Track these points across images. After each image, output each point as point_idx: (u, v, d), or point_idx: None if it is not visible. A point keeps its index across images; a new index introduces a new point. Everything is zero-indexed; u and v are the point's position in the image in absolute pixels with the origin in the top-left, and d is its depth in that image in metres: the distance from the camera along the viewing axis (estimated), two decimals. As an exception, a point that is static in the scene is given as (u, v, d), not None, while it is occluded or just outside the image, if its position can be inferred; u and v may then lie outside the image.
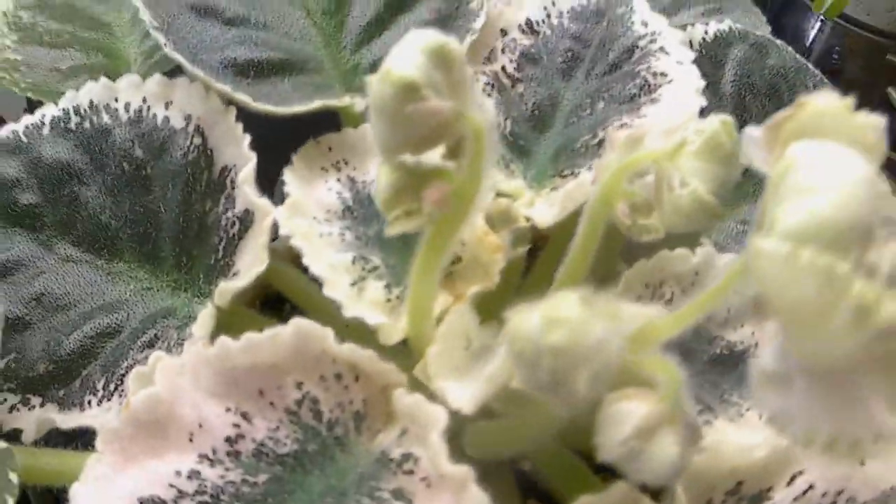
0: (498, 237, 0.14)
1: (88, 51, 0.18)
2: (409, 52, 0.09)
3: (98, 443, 0.11)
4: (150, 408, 0.11)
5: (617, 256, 0.14)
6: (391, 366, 0.12)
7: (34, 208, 0.15)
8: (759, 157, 0.08)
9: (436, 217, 0.10)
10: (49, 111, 0.16)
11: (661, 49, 0.17)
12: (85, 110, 0.16)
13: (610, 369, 0.07)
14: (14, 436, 0.13)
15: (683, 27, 0.22)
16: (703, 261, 0.14)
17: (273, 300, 0.17)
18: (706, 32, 0.19)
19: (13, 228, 0.15)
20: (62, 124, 0.16)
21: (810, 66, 0.21)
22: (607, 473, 0.11)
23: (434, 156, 0.10)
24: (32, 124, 0.16)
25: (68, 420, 0.13)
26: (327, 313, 0.14)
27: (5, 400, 0.13)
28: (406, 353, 0.12)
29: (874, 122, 0.07)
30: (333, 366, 0.12)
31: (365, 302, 0.13)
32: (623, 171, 0.11)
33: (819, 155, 0.07)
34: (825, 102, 0.07)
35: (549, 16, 0.18)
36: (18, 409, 0.13)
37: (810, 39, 0.38)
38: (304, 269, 0.14)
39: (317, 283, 0.14)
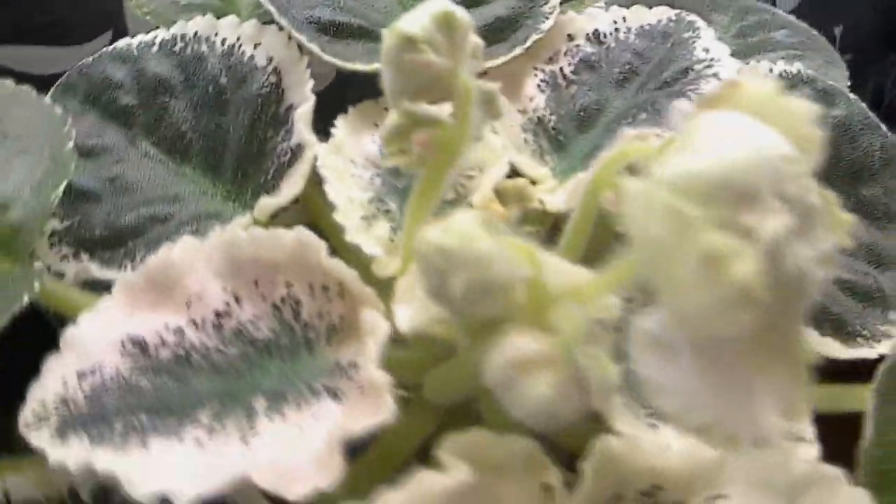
0: (505, 209, 0.15)
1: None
2: (418, 15, 0.11)
3: (114, 288, 0.13)
4: (164, 271, 0.13)
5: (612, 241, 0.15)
6: (372, 291, 0.13)
7: (130, 109, 0.19)
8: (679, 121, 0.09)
9: (425, 160, 0.11)
10: (161, 34, 0.20)
11: (715, 75, 0.18)
12: (189, 38, 0.19)
13: (488, 286, 0.08)
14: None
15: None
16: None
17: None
18: (771, 70, 0.19)
19: (108, 121, 0.19)
20: (168, 46, 0.19)
21: (883, 126, 0.21)
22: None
23: (435, 108, 0.11)
24: (145, 42, 0.19)
25: (105, 275, 0.15)
26: (346, 249, 0.16)
27: (61, 250, 0.16)
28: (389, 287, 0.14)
29: (804, 109, 0.08)
30: (323, 277, 0.14)
31: (369, 235, 0.15)
32: (613, 163, 0.12)
33: (720, 122, 0.08)
34: (755, 85, 0.08)
35: (617, 29, 0.20)
36: (69, 259, 0.16)
37: None
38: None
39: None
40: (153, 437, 0.11)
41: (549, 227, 0.16)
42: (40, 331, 0.15)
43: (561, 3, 0.20)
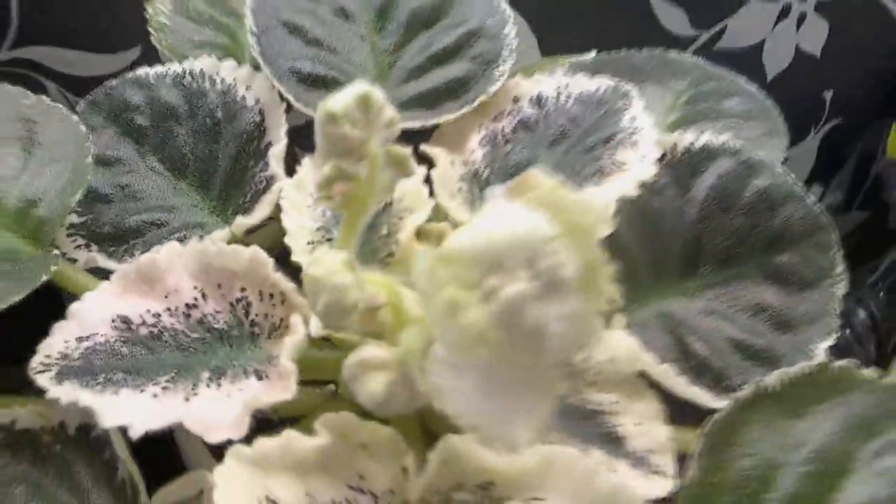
0: (419, 246, 0.19)
1: (218, 32, 0.27)
2: (343, 95, 0.15)
3: (112, 276, 0.18)
4: (151, 267, 0.18)
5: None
6: (305, 301, 0.18)
7: (143, 128, 0.24)
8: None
9: (345, 206, 0.16)
10: (173, 67, 0.24)
11: (633, 143, 0.22)
12: (196, 74, 0.24)
13: (342, 307, 0.12)
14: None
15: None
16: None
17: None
18: (694, 142, 0.23)
19: (124, 137, 0.24)
20: (179, 79, 0.24)
21: (810, 197, 0.24)
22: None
23: (352, 167, 0.16)
24: (160, 73, 0.24)
25: (107, 265, 0.20)
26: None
27: (76, 240, 0.21)
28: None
29: (580, 201, 0.12)
30: (269, 287, 0.18)
31: (310, 257, 0.19)
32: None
33: (498, 208, 0.12)
34: (542, 180, 0.12)
35: (559, 95, 0.24)
36: (81, 249, 0.21)
37: None
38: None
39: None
40: (123, 389, 0.16)
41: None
42: (53, 303, 0.20)
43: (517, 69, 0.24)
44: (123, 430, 0.14)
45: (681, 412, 0.20)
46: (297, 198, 0.20)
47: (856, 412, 0.17)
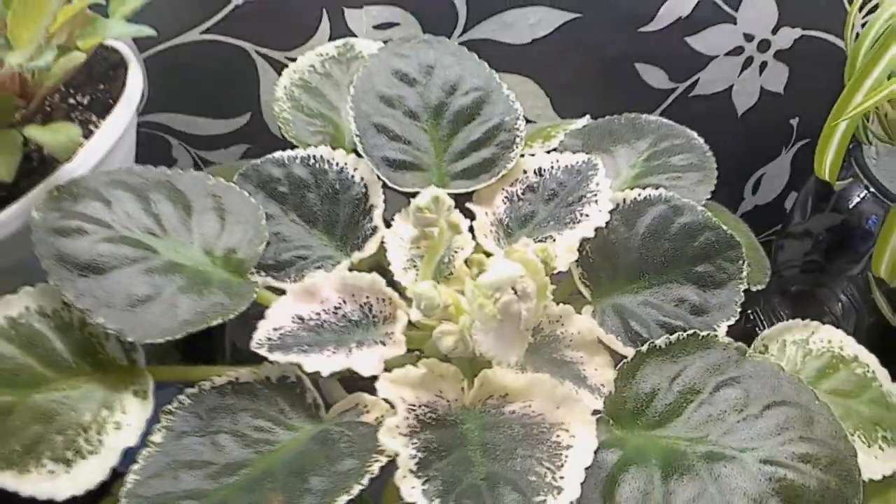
0: (468, 271, 0.38)
1: (325, 123, 0.46)
2: (424, 196, 0.34)
3: (288, 291, 0.37)
4: (311, 286, 0.36)
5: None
6: (403, 303, 0.36)
7: (284, 194, 0.42)
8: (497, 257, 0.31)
9: (427, 250, 0.35)
10: (300, 152, 0.43)
11: (595, 201, 0.40)
12: (318, 158, 0.42)
13: (432, 306, 0.31)
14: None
15: (656, 185, 0.44)
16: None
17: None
18: (639, 195, 0.41)
19: (270, 200, 0.42)
20: (306, 161, 0.43)
21: (721, 227, 0.41)
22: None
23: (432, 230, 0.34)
24: (291, 155, 0.43)
25: (276, 285, 0.39)
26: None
27: (255, 272, 0.40)
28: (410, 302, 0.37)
29: (535, 259, 0.30)
30: (382, 295, 0.37)
31: (405, 277, 0.38)
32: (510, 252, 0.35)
33: (500, 262, 0.30)
34: (521, 248, 0.30)
35: (552, 167, 0.42)
36: (259, 275, 0.40)
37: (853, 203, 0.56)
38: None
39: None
40: (310, 353, 0.34)
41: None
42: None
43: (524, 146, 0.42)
44: (311, 375, 0.33)
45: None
46: (394, 241, 0.39)
47: (710, 361, 0.34)
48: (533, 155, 0.42)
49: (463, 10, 0.50)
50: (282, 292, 0.37)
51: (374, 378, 0.33)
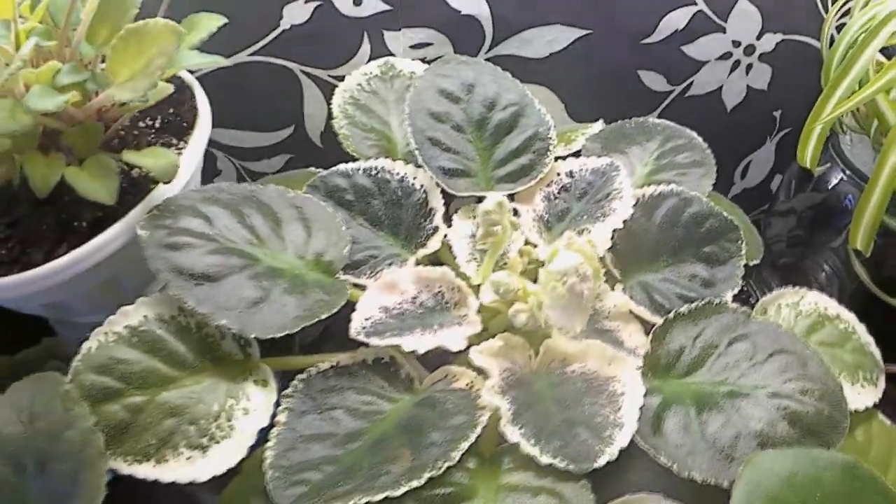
0: (521, 259, 0.48)
1: (379, 137, 0.55)
2: (490, 201, 0.43)
3: (370, 286, 0.46)
4: (391, 280, 0.45)
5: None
6: (468, 287, 0.46)
7: (350, 202, 0.51)
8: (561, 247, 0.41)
9: (492, 244, 0.44)
10: (362, 164, 0.52)
11: (620, 197, 0.50)
12: (379, 168, 0.52)
13: (509, 292, 0.41)
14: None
15: (661, 182, 0.54)
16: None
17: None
18: (655, 190, 0.51)
19: (339, 207, 0.51)
20: (368, 172, 0.51)
21: (723, 214, 0.52)
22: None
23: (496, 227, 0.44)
24: (355, 167, 0.52)
25: (356, 281, 0.48)
26: (453, 266, 0.49)
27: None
28: (477, 290, 0.47)
29: (591, 249, 0.40)
30: (451, 283, 0.46)
31: (468, 267, 0.48)
32: (554, 250, 0.45)
33: (565, 252, 0.40)
34: (579, 242, 0.40)
35: (581, 169, 0.52)
36: (340, 275, 0.49)
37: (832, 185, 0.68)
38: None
39: (452, 255, 0.50)
40: (403, 335, 0.44)
41: (538, 265, 0.49)
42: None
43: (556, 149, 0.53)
44: (402, 354, 0.43)
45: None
46: (457, 238, 0.49)
47: (723, 323, 0.45)
48: (564, 158, 0.53)
49: (489, 30, 0.60)
50: (362, 288, 0.47)
51: (454, 353, 0.43)
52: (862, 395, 0.47)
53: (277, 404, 0.41)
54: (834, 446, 0.39)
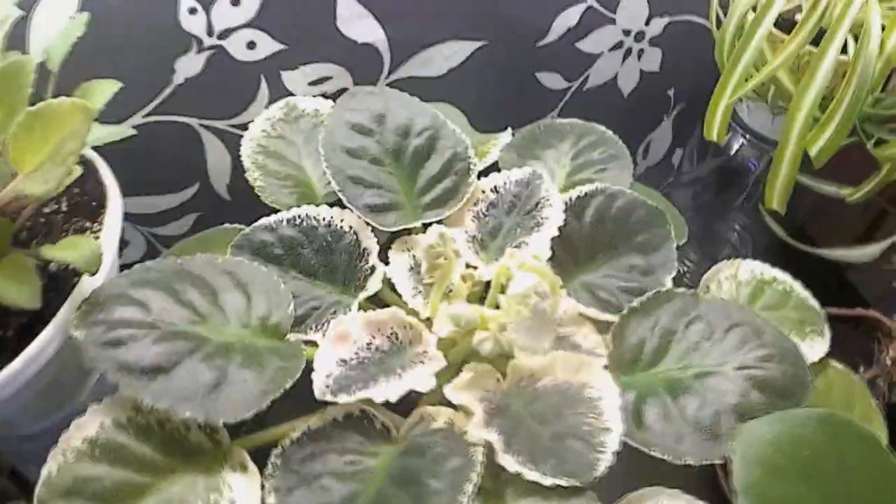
0: (465, 284, 0.49)
1: (295, 183, 0.54)
2: (433, 233, 0.44)
3: (322, 342, 0.45)
4: (342, 332, 0.45)
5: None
6: (421, 324, 0.46)
7: (280, 256, 0.50)
8: (515, 270, 0.42)
9: (439, 277, 0.45)
10: (284, 214, 0.51)
11: (550, 205, 0.51)
12: (303, 217, 0.51)
13: (463, 322, 0.41)
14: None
15: (588, 180, 0.56)
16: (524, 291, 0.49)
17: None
18: (581, 192, 0.53)
19: (269, 263, 0.50)
20: (292, 221, 0.51)
21: (647, 203, 0.55)
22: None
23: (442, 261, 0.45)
24: (278, 219, 0.51)
25: (304, 338, 0.47)
26: (398, 305, 0.49)
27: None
28: (428, 323, 0.47)
29: (544, 270, 0.41)
30: (402, 321, 0.46)
31: (414, 302, 0.48)
32: (503, 269, 0.46)
33: (521, 274, 0.41)
34: (532, 263, 0.42)
35: (505, 183, 0.53)
36: (290, 336, 0.48)
37: (734, 150, 0.72)
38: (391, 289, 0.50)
39: (396, 293, 0.50)
40: (369, 386, 0.43)
41: (482, 286, 0.50)
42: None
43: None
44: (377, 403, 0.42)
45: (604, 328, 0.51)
46: (398, 274, 0.48)
47: (676, 308, 0.47)
48: (486, 174, 0.53)
49: (387, 56, 0.60)
50: (313, 343, 0.46)
51: (420, 392, 0.43)
52: (814, 348, 0.51)
53: (263, 486, 0.39)
54: (804, 402, 0.42)
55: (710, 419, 0.43)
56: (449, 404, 0.43)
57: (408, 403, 0.44)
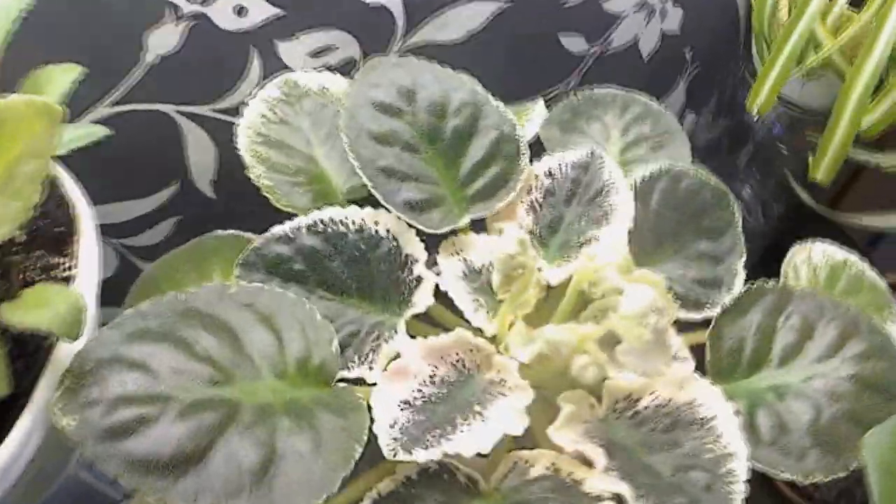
0: (538, 295, 0.39)
1: (309, 178, 0.43)
2: (510, 240, 0.34)
3: (378, 381, 0.35)
4: (400, 367, 0.35)
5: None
6: (491, 346, 0.37)
7: (302, 272, 0.39)
8: (623, 284, 0.33)
9: (517, 290, 0.35)
10: (303, 220, 0.40)
11: (616, 190, 0.43)
12: (327, 221, 0.40)
13: (555, 349, 0.33)
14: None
15: (640, 159, 0.47)
16: (616, 302, 0.40)
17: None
18: (644, 174, 0.44)
19: (288, 283, 0.39)
20: (314, 228, 0.40)
21: (712, 181, 0.47)
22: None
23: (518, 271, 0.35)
24: (294, 227, 0.40)
25: (347, 375, 0.37)
26: (454, 322, 0.40)
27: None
28: (493, 341, 0.38)
29: (658, 281, 0.33)
30: (470, 346, 0.37)
31: (478, 317, 0.38)
32: (587, 271, 0.37)
33: (634, 288, 0.32)
34: (646, 274, 0.33)
35: (560, 166, 0.44)
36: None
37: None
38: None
39: (449, 310, 0.40)
40: (448, 435, 0.33)
41: (546, 291, 0.41)
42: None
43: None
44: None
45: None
46: (455, 286, 0.39)
47: (770, 303, 0.40)
48: (538, 161, 0.44)
49: (401, 20, 0.49)
50: (360, 382, 0.36)
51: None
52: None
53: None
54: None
55: (827, 428, 0.37)
56: (556, 447, 0.34)
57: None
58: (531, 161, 0.43)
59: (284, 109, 0.45)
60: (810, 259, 0.47)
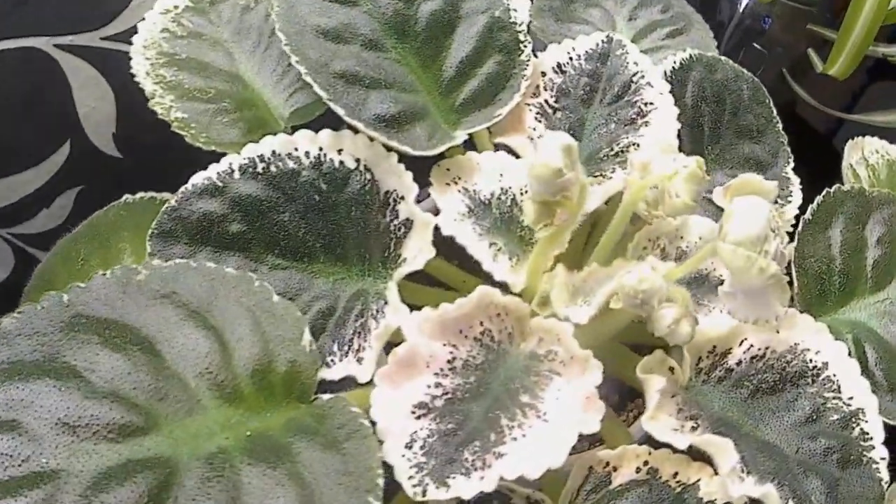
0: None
1: (237, 103, 0.27)
2: (552, 151, 0.19)
3: (375, 380, 0.19)
4: (403, 357, 0.19)
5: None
6: (525, 305, 0.22)
7: (241, 235, 0.23)
8: (721, 201, 0.19)
9: (562, 224, 0.20)
10: (234, 160, 0.24)
11: (648, 83, 0.28)
12: (269, 158, 0.24)
13: (657, 296, 0.18)
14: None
15: (656, 49, 0.33)
16: (681, 223, 0.26)
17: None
18: (674, 63, 0.30)
19: (224, 252, 0.23)
20: (250, 169, 0.24)
21: (746, 72, 0.33)
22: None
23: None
24: (223, 171, 0.24)
25: (328, 375, 0.21)
26: (462, 281, 0.25)
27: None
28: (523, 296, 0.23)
29: (770, 186, 0.19)
30: (496, 309, 0.22)
31: (499, 267, 0.23)
32: (643, 187, 0.22)
33: (743, 203, 0.18)
34: (748, 178, 0.19)
35: (571, 58, 0.29)
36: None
37: (743, 6, 0.51)
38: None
39: (452, 265, 0.25)
40: (489, 453, 0.19)
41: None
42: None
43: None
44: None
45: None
46: (462, 230, 0.23)
47: (851, 213, 0.28)
48: (542, 53, 0.28)
49: None
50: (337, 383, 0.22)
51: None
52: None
53: None
54: None
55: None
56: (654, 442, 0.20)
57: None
58: (534, 54, 0.28)
59: (195, 20, 0.28)
60: (865, 158, 0.34)
